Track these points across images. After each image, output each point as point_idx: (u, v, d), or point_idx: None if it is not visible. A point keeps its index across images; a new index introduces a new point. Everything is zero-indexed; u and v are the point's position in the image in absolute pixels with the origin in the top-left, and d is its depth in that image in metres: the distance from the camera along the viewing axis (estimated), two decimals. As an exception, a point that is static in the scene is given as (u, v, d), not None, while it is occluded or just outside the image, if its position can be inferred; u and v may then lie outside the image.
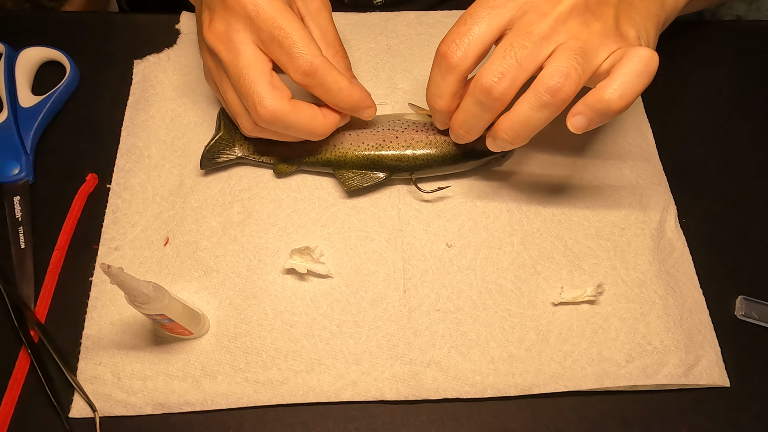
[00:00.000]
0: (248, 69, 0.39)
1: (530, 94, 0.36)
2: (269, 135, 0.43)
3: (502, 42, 0.37)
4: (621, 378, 0.41)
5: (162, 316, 0.36)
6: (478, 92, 0.37)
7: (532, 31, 0.36)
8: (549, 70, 0.36)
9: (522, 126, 0.37)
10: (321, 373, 0.41)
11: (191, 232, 0.45)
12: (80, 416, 0.39)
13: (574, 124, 0.37)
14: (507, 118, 0.38)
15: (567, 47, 0.36)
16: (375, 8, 0.57)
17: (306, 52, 0.38)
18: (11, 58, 0.51)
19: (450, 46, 0.37)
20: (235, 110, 0.42)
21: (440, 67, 0.38)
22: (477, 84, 0.37)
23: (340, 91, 0.41)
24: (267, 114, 0.39)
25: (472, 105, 0.38)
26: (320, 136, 0.42)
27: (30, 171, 0.47)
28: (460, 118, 0.40)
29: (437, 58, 0.38)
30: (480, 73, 0.37)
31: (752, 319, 0.44)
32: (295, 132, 0.41)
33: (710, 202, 0.49)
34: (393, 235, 0.45)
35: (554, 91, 0.35)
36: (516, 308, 0.43)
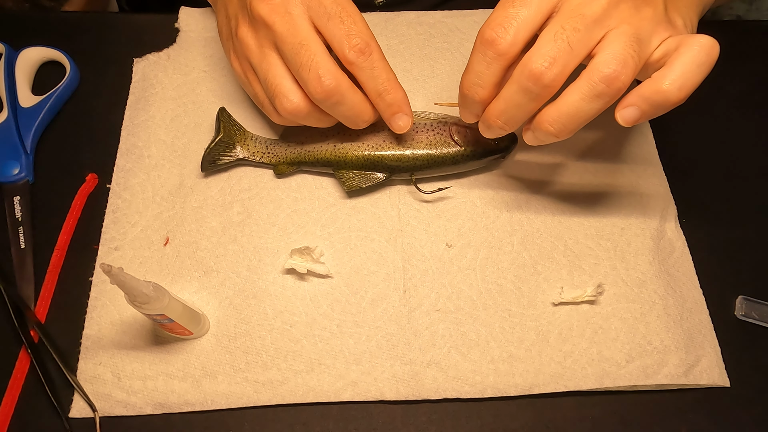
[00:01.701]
0: (310, 40, 0.38)
1: (583, 82, 0.34)
2: (304, 119, 0.41)
3: (551, 24, 0.34)
4: (621, 378, 0.41)
5: (162, 316, 0.36)
6: (526, 79, 0.34)
7: (584, 13, 0.34)
8: (604, 57, 0.33)
9: (571, 118, 0.35)
10: (321, 373, 0.41)
11: (191, 232, 0.45)
12: (80, 416, 0.39)
13: (625, 117, 0.35)
14: (554, 109, 0.35)
15: (621, 33, 0.34)
16: (376, 8, 0.57)
17: (365, 32, 0.38)
18: (11, 58, 0.51)
19: (497, 30, 0.34)
20: (276, 90, 0.40)
21: (485, 55, 0.35)
22: (525, 70, 0.34)
23: (389, 80, 0.40)
24: (330, 85, 0.37)
25: (517, 93, 0.35)
26: (362, 123, 0.41)
27: (30, 171, 0.47)
28: (500, 108, 0.37)
29: (481, 45, 0.35)
30: (528, 57, 0.34)
31: (752, 319, 0.44)
32: (345, 111, 0.40)
33: (710, 202, 0.49)
34: (393, 235, 0.45)
35: (610, 80, 0.33)
36: (516, 308, 0.43)
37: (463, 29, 0.55)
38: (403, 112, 0.42)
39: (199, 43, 0.54)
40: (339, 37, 0.38)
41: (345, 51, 0.38)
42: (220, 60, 0.53)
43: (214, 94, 0.51)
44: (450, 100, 0.51)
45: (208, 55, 0.53)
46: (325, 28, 0.38)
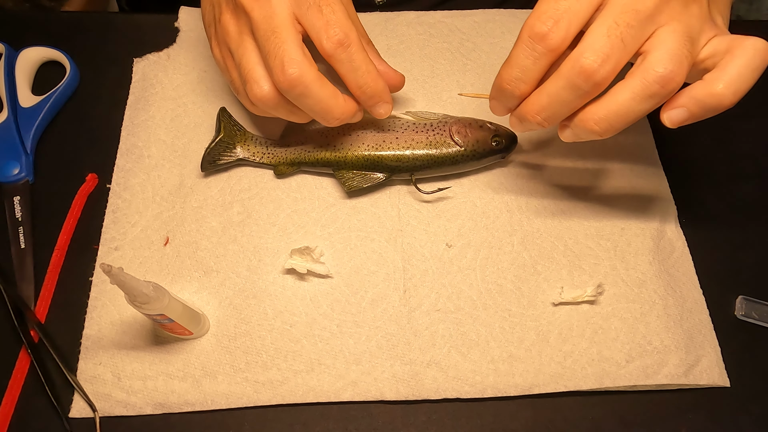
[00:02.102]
0: (282, 28, 0.37)
1: (636, 81, 0.33)
2: (275, 108, 0.40)
3: (602, 18, 0.33)
4: (621, 378, 0.41)
5: (162, 316, 0.36)
6: (576, 75, 0.33)
7: (638, 8, 0.32)
8: (659, 55, 0.32)
9: (619, 117, 0.34)
10: (321, 373, 0.41)
11: (191, 232, 0.45)
12: (80, 416, 0.39)
13: (672, 118, 0.34)
14: (601, 107, 0.34)
15: (673, 30, 0.33)
16: (376, 8, 0.57)
17: (344, 23, 0.37)
18: (11, 58, 0.51)
19: (549, 24, 0.33)
20: (248, 75, 0.39)
21: (533, 50, 0.34)
22: (575, 65, 0.33)
23: (368, 73, 0.39)
24: (293, 75, 0.36)
25: (564, 89, 0.34)
26: (333, 121, 0.40)
27: (30, 171, 0.47)
28: (542, 104, 0.35)
29: (530, 39, 0.34)
30: (579, 53, 0.33)
31: (752, 319, 0.44)
32: (312, 104, 0.38)
33: (710, 202, 0.49)
34: (393, 235, 0.45)
35: (666, 81, 0.32)
36: (516, 308, 0.43)
37: (463, 29, 0.55)
38: (383, 101, 0.41)
39: (199, 43, 0.53)
40: (317, 28, 0.37)
41: (323, 42, 0.37)
42: (212, 53, 0.53)
43: (214, 94, 0.51)
44: (450, 99, 0.51)
45: (208, 55, 0.53)
46: (304, 18, 0.38)
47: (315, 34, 0.38)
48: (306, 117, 0.42)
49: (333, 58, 0.38)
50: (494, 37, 0.55)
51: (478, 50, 0.54)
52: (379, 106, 0.41)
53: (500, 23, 0.56)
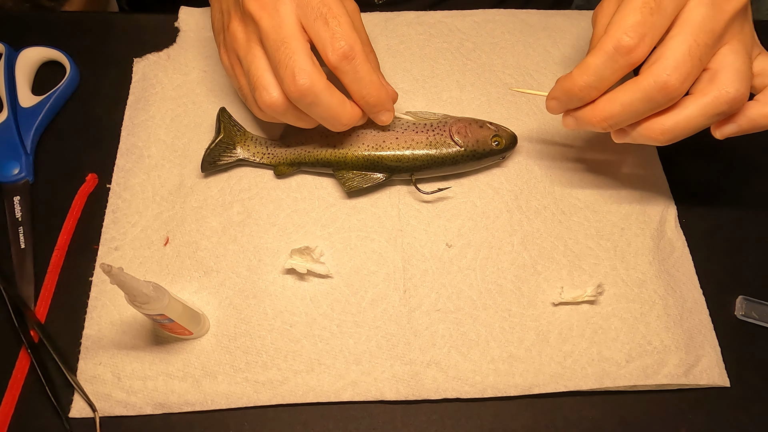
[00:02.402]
0: (291, 38, 0.38)
1: (707, 99, 0.35)
2: (283, 115, 0.41)
3: (683, 36, 0.34)
4: (621, 378, 0.41)
5: (162, 316, 0.36)
6: (657, 90, 0.34)
7: (714, 29, 0.34)
8: (730, 76, 0.34)
9: (684, 130, 0.36)
10: (321, 373, 0.41)
11: (191, 232, 0.45)
12: (80, 416, 0.39)
13: (724, 132, 0.37)
14: (670, 119, 0.36)
15: (736, 50, 0.35)
16: (376, 8, 0.57)
17: (349, 36, 0.38)
18: (11, 58, 0.51)
19: (635, 39, 0.34)
20: (257, 82, 0.40)
21: (616, 62, 0.35)
22: (657, 81, 0.34)
23: (371, 83, 0.39)
24: (304, 85, 0.37)
25: (640, 101, 0.35)
26: (340, 126, 0.41)
27: (30, 171, 0.47)
28: (613, 112, 0.37)
29: (616, 52, 0.35)
30: (662, 69, 0.34)
31: (752, 319, 0.44)
32: (321, 112, 0.39)
33: (710, 202, 0.49)
34: (393, 235, 0.45)
35: (736, 101, 0.34)
36: (516, 308, 0.43)
37: (463, 29, 0.55)
38: (386, 109, 0.42)
39: (199, 43, 0.54)
40: (323, 39, 0.38)
41: (328, 54, 0.38)
42: (220, 60, 0.53)
43: (214, 94, 0.51)
44: (450, 99, 0.51)
45: (208, 55, 0.53)
46: (311, 29, 0.38)
47: (321, 46, 0.38)
48: (313, 123, 0.42)
49: (338, 69, 0.39)
50: (494, 37, 0.55)
51: (478, 50, 0.54)
52: (382, 114, 0.42)
53: (500, 23, 0.56)
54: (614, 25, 0.35)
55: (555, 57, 0.54)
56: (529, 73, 0.53)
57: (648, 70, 0.35)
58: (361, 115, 0.42)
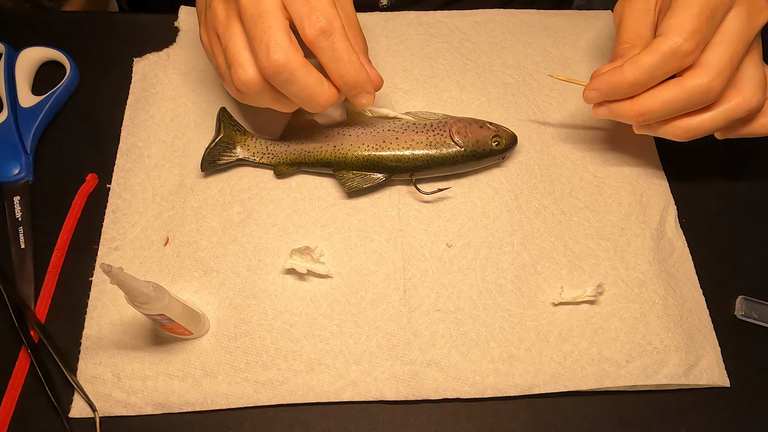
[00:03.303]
0: (268, 13, 0.37)
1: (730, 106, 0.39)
2: (259, 95, 0.40)
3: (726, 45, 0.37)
4: (621, 378, 0.41)
5: (162, 316, 0.36)
6: (700, 93, 0.37)
7: (747, 41, 0.38)
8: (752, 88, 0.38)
9: (706, 131, 0.40)
10: (321, 373, 0.41)
11: (191, 232, 0.45)
12: (80, 416, 0.39)
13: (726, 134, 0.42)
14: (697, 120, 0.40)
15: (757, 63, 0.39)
16: (380, 10, 0.57)
17: (328, 11, 0.37)
18: (11, 58, 0.51)
19: (692, 45, 0.37)
20: (233, 59, 0.39)
21: (670, 64, 0.38)
22: (702, 85, 0.37)
23: (350, 63, 0.39)
24: (279, 60, 0.36)
25: (681, 101, 0.38)
26: (317, 107, 0.40)
27: (30, 171, 0.47)
28: (652, 108, 0.39)
29: (671, 54, 0.37)
30: (707, 74, 0.37)
31: (752, 319, 0.44)
32: (297, 91, 0.38)
33: (710, 202, 0.49)
34: (393, 235, 0.45)
35: (754, 110, 0.39)
36: (516, 308, 0.43)
37: (463, 29, 0.55)
38: (365, 91, 0.41)
39: (199, 43, 0.53)
40: (301, 15, 0.37)
41: (305, 29, 0.37)
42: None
43: (214, 94, 0.51)
44: (450, 99, 0.51)
45: (208, 55, 0.53)
46: (290, 4, 0.38)
47: (298, 21, 0.37)
48: (291, 105, 0.41)
49: (315, 45, 0.38)
50: (494, 37, 0.55)
51: (478, 50, 0.54)
52: (361, 97, 0.41)
53: (500, 23, 0.56)
54: (673, 30, 0.37)
55: (555, 57, 0.54)
56: (529, 73, 0.53)
57: (693, 74, 0.38)
58: (338, 96, 0.41)
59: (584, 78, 0.50)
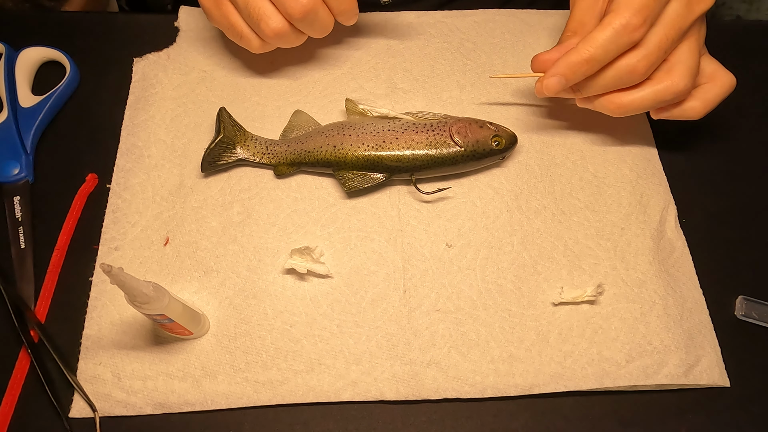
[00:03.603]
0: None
1: (660, 87, 0.41)
2: (285, 39, 0.45)
3: (658, 28, 0.40)
4: (621, 378, 0.41)
5: (162, 316, 0.36)
6: (627, 71, 0.41)
7: (681, 27, 0.40)
8: (682, 72, 0.41)
9: (636, 109, 0.43)
10: (321, 373, 0.41)
11: (191, 232, 0.45)
12: (80, 416, 0.39)
13: (659, 115, 0.45)
14: (627, 97, 0.43)
15: (692, 49, 0.42)
16: (382, 8, 0.57)
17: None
18: (11, 58, 0.51)
19: (640, 19, 0.39)
20: (260, 13, 0.43)
21: (621, 37, 0.39)
22: (629, 64, 0.40)
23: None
24: (308, 5, 0.42)
25: (611, 78, 0.41)
26: (325, 33, 0.45)
27: (30, 171, 0.47)
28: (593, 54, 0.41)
29: (620, 27, 0.39)
30: (632, 54, 0.40)
31: (752, 319, 0.44)
32: (317, 27, 0.44)
33: (710, 202, 0.49)
34: (393, 235, 0.45)
35: (681, 94, 0.42)
36: (516, 308, 0.43)
37: (463, 29, 0.55)
38: (354, 12, 0.45)
39: (199, 43, 0.54)
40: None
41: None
42: (220, 60, 0.53)
43: (214, 94, 0.51)
44: (450, 99, 0.51)
45: (208, 55, 0.53)
46: None
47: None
48: (302, 39, 0.46)
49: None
50: (494, 37, 0.55)
51: (478, 50, 0.54)
52: (350, 18, 0.45)
53: (500, 23, 0.56)
54: (622, 6, 0.39)
55: (555, 57, 0.54)
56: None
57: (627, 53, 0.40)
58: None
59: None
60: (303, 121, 0.48)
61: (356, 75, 0.52)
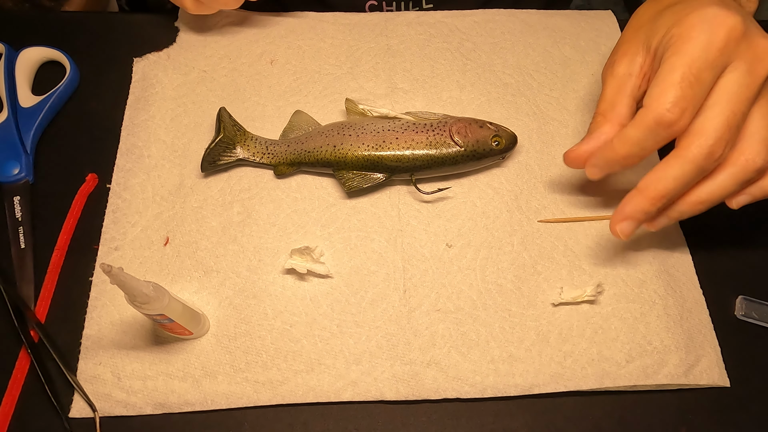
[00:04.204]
0: None
1: (736, 169, 0.37)
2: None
3: (721, 107, 0.35)
4: (621, 378, 0.41)
5: (162, 316, 0.36)
6: (703, 158, 0.36)
7: (749, 97, 0.35)
8: (755, 146, 0.36)
9: (718, 199, 0.38)
10: (321, 373, 0.41)
11: (191, 232, 0.45)
12: (80, 416, 0.39)
13: (739, 202, 0.39)
14: (706, 190, 0.38)
15: (765, 116, 0.37)
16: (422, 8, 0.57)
17: None
18: (11, 58, 0.51)
19: (676, 113, 0.35)
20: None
21: (657, 134, 0.36)
22: (702, 152, 0.35)
23: None
24: None
25: (690, 172, 0.36)
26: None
27: (30, 171, 0.47)
28: (667, 187, 0.37)
29: (654, 124, 0.35)
30: (704, 139, 0.35)
31: (752, 319, 0.44)
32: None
33: (710, 202, 0.49)
34: (393, 235, 0.45)
35: (761, 171, 0.37)
36: (516, 308, 0.43)
37: (463, 29, 0.55)
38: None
39: (199, 43, 0.54)
40: None
41: None
42: (220, 60, 0.53)
43: (214, 94, 0.51)
44: (450, 99, 0.51)
45: (208, 55, 0.53)
46: None
47: None
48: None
49: None
50: (494, 37, 0.55)
51: (478, 50, 0.54)
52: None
53: (500, 23, 0.56)
54: (654, 100, 0.35)
55: (555, 57, 0.54)
56: (529, 73, 0.53)
57: (690, 143, 0.35)
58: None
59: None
60: (303, 121, 0.48)
61: (356, 75, 0.52)
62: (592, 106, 0.52)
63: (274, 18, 0.55)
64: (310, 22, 0.55)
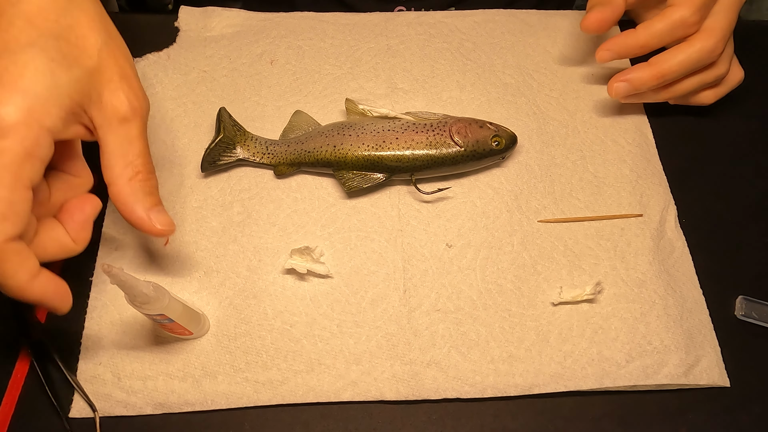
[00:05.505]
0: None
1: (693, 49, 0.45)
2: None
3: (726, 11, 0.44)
4: (621, 378, 0.41)
5: (162, 316, 0.36)
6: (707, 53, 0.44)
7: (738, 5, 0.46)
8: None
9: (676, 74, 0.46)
10: (321, 373, 0.41)
11: (191, 232, 0.45)
12: (80, 416, 0.39)
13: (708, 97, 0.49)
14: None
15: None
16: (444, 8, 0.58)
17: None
18: (11, 58, 0.51)
19: (698, 18, 0.43)
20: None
21: (675, 31, 0.44)
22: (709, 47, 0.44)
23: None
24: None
25: (694, 61, 0.44)
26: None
27: (30, 171, 0.47)
28: (671, 68, 0.45)
29: (680, 21, 0.43)
30: (712, 37, 0.44)
31: (752, 319, 0.44)
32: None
33: (710, 202, 0.49)
34: (393, 235, 0.45)
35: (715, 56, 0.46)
36: (516, 308, 0.43)
37: (463, 29, 0.55)
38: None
39: (199, 43, 0.54)
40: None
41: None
42: (220, 60, 0.53)
43: (214, 94, 0.51)
44: (450, 99, 0.51)
45: (208, 55, 0.53)
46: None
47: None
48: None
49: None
50: (494, 37, 0.55)
51: (478, 50, 0.54)
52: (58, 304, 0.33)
53: (500, 23, 0.56)
54: (684, 2, 0.43)
55: (555, 57, 0.54)
56: (529, 73, 0.53)
57: (701, 38, 0.44)
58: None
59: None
60: (303, 121, 0.48)
61: (356, 75, 0.52)
62: (593, 106, 0.52)
63: (274, 18, 0.55)
64: (310, 22, 0.55)
